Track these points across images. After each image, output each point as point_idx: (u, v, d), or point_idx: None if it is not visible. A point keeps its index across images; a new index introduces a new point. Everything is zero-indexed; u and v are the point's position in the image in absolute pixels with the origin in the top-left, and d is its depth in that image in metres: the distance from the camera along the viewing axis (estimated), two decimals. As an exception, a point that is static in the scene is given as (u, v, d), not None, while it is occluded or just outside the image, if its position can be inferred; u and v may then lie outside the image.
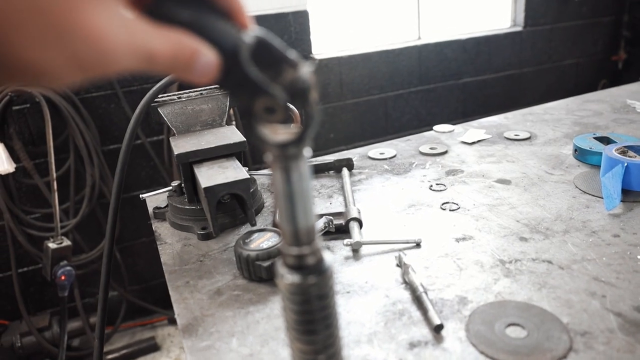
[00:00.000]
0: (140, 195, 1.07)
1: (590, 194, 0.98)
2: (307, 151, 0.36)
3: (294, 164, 0.35)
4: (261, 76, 0.34)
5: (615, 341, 0.60)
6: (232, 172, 0.83)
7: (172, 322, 2.63)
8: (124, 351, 2.44)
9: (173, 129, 1.04)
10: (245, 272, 0.78)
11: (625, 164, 0.94)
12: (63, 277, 2.07)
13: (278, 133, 0.35)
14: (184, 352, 0.70)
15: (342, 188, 1.09)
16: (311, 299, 0.38)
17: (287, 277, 0.38)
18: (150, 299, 2.59)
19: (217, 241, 0.93)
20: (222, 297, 0.77)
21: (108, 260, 0.96)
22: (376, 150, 1.33)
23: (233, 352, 0.65)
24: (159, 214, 1.04)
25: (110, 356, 2.41)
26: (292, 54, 0.36)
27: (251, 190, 0.90)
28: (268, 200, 1.07)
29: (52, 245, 2.07)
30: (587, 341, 0.60)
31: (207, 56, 0.32)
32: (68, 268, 2.10)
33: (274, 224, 0.93)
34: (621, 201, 0.91)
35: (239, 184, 0.79)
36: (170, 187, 1.03)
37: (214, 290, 0.78)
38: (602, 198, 0.94)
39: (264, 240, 0.79)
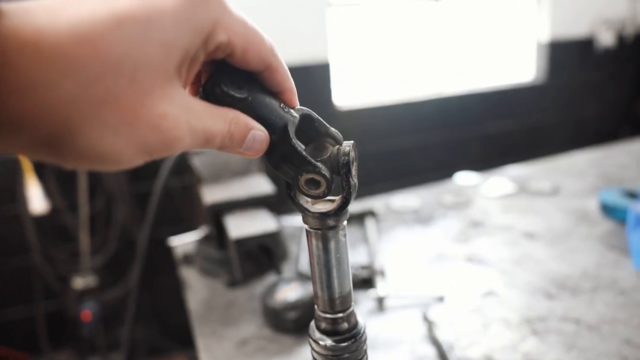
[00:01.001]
0: (169, 241, 1.10)
1: (617, 251, 0.97)
2: (345, 221, 0.38)
3: (331, 233, 0.37)
4: (307, 151, 0.36)
5: (649, 410, 0.58)
6: (261, 223, 0.85)
7: (191, 363, 2.60)
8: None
9: (204, 177, 1.09)
10: (271, 323, 0.79)
11: (653, 221, 0.93)
12: (87, 315, 2.10)
13: (318, 203, 0.37)
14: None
15: (367, 238, 1.11)
16: (344, 362, 0.39)
17: (321, 341, 0.39)
18: (169, 337, 2.59)
19: (244, 289, 0.94)
20: (248, 347, 0.77)
21: (134, 306, 0.98)
22: (400, 199, 1.34)
23: (259, 405, 0.65)
24: (187, 259, 1.07)
25: (126, 398, 2.38)
26: (334, 130, 0.38)
27: (278, 240, 0.92)
28: (293, 247, 1.09)
29: (78, 282, 2.12)
30: (619, 409, 0.59)
31: (259, 134, 0.34)
32: (93, 306, 2.13)
33: (299, 273, 0.95)
34: (650, 259, 0.90)
35: (268, 237, 0.81)
36: (198, 234, 1.06)
37: (239, 340, 0.79)
38: (631, 255, 0.93)
39: (290, 291, 0.81)
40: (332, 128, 0.38)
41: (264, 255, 0.90)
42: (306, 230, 0.38)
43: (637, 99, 3.56)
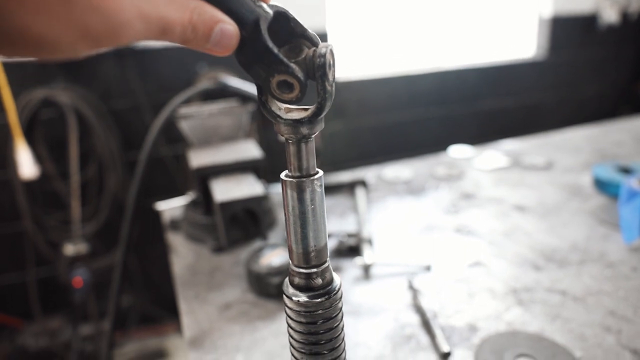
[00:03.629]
0: (155, 206, 1.09)
1: (608, 225, 0.96)
2: (320, 172, 0.36)
3: (307, 182, 0.35)
4: (280, 50, 0.33)
5: (630, 379, 0.58)
6: (247, 187, 0.83)
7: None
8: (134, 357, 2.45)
9: (192, 142, 1.06)
10: (255, 288, 0.79)
11: (646, 196, 0.92)
12: (79, 281, 2.10)
13: (292, 112, 0.34)
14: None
15: (356, 207, 1.09)
16: (318, 320, 0.38)
17: (294, 297, 0.38)
18: (161, 306, 2.60)
19: (229, 255, 0.93)
20: (231, 311, 0.77)
21: (121, 268, 0.97)
22: (392, 169, 1.33)
23: (238, 367, 0.64)
24: (174, 224, 1.06)
25: (119, 362, 2.42)
26: (311, 32, 0.34)
27: (265, 205, 0.91)
28: (281, 215, 1.08)
29: (69, 249, 2.11)
30: (599, 377, 0.58)
31: (228, 27, 0.31)
32: (84, 272, 2.13)
33: (285, 239, 0.94)
34: (640, 234, 0.89)
35: (253, 201, 0.80)
36: (186, 199, 1.05)
37: (223, 304, 0.79)
38: (621, 230, 0.92)
39: (275, 256, 0.80)
40: (309, 30, 0.34)
41: (250, 220, 0.88)
42: (281, 179, 0.36)
43: (638, 79, 3.52)
